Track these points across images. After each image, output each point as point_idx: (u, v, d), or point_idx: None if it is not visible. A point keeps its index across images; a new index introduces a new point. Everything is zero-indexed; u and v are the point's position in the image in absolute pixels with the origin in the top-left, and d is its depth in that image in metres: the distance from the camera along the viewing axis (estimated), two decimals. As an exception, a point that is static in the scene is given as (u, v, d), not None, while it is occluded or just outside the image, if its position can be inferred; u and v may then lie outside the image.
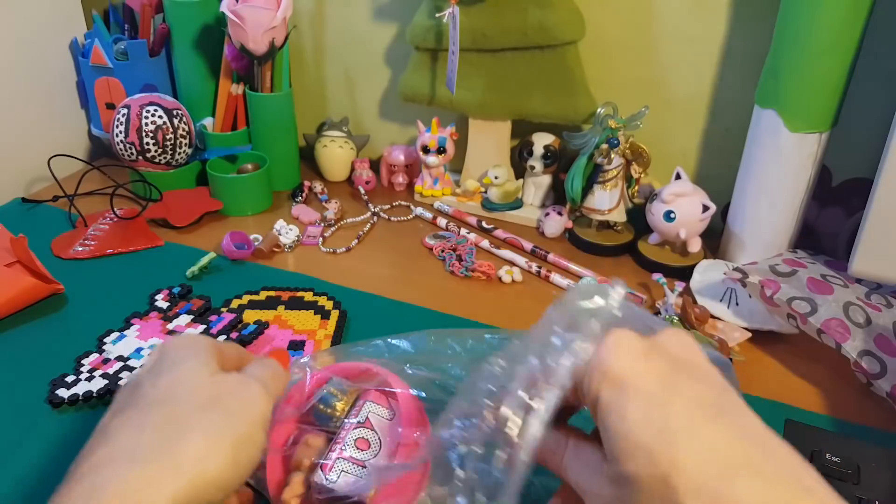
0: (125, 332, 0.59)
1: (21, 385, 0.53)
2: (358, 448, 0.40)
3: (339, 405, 0.43)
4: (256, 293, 0.64)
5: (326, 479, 0.38)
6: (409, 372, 0.44)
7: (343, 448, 0.40)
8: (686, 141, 0.79)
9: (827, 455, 0.44)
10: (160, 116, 0.78)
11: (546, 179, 0.80)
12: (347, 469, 0.39)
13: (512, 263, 0.72)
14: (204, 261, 0.69)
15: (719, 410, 0.26)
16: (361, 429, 0.41)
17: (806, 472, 0.26)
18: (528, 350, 0.31)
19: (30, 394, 0.52)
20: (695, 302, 0.62)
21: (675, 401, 0.26)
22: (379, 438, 0.41)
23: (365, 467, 0.39)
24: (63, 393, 0.51)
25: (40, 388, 0.52)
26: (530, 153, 0.78)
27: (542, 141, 0.78)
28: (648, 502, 0.25)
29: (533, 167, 0.79)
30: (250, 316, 0.61)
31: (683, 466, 0.24)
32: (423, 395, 0.43)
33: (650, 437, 0.25)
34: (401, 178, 0.88)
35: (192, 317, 0.61)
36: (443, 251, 0.73)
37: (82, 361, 0.55)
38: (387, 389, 0.43)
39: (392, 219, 0.81)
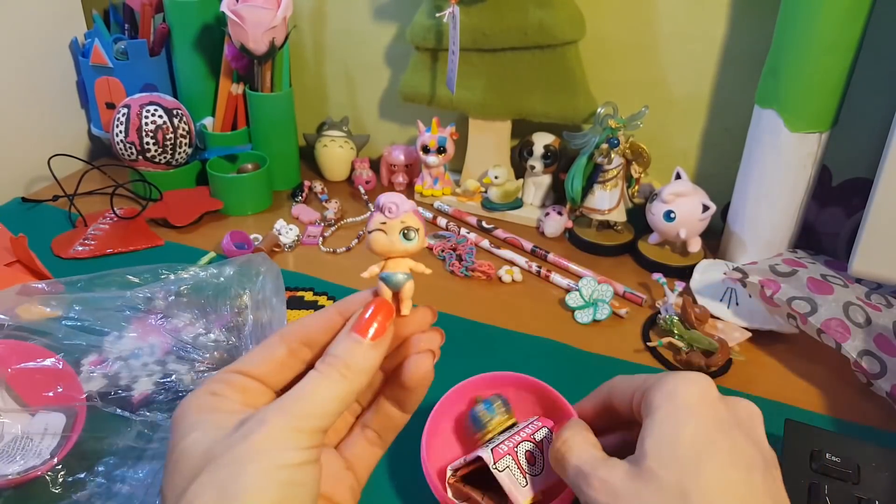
0: (125, 332, 0.58)
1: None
2: (527, 459, 0.39)
3: (496, 421, 0.42)
4: (256, 293, 0.64)
5: (495, 465, 0.37)
6: None
7: (516, 450, 0.39)
8: (686, 141, 0.79)
9: (827, 455, 0.44)
10: (160, 116, 0.78)
11: (546, 179, 0.80)
12: (513, 470, 0.38)
13: (512, 263, 0.72)
14: (204, 260, 0.69)
15: (754, 466, 0.29)
16: (532, 444, 0.40)
17: None
18: None
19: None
20: (695, 302, 0.62)
21: (723, 445, 0.29)
22: (544, 463, 0.40)
23: (526, 478, 0.38)
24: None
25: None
26: (530, 153, 0.78)
27: (542, 141, 0.78)
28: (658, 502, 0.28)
29: (533, 167, 0.79)
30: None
31: (703, 491, 0.27)
32: None
33: (690, 458, 0.28)
34: (401, 178, 0.88)
35: (191, 316, 0.60)
36: (443, 251, 0.73)
37: (82, 361, 0.55)
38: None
39: (392, 219, 0.81)
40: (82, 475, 0.43)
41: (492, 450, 0.38)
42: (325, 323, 0.31)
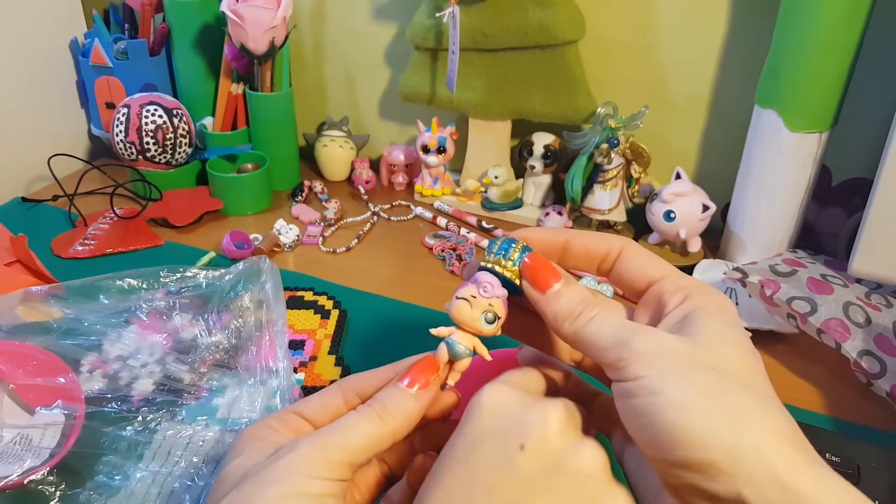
0: (124, 332, 0.58)
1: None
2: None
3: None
4: (256, 293, 0.64)
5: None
6: None
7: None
8: (686, 141, 0.79)
9: (827, 455, 0.44)
10: (160, 116, 0.78)
11: (546, 179, 0.80)
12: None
13: (512, 263, 0.72)
14: (204, 260, 0.69)
15: (768, 398, 0.27)
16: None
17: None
18: None
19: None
20: (695, 302, 0.62)
21: (732, 395, 0.26)
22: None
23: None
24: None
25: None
26: (530, 153, 0.78)
27: (542, 141, 0.78)
28: (715, 483, 0.24)
29: (533, 167, 0.79)
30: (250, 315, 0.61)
31: (753, 447, 0.24)
32: None
33: (721, 424, 0.25)
34: (401, 178, 0.88)
35: (191, 316, 0.61)
36: (443, 251, 0.73)
37: (82, 361, 0.55)
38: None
39: (392, 218, 0.81)
40: (82, 475, 0.43)
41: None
42: (380, 376, 0.33)
